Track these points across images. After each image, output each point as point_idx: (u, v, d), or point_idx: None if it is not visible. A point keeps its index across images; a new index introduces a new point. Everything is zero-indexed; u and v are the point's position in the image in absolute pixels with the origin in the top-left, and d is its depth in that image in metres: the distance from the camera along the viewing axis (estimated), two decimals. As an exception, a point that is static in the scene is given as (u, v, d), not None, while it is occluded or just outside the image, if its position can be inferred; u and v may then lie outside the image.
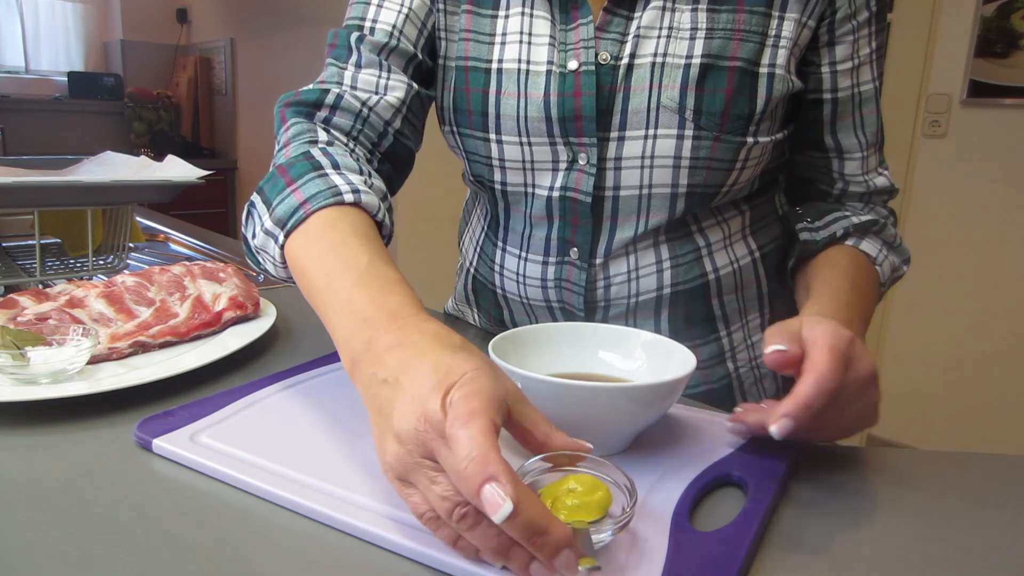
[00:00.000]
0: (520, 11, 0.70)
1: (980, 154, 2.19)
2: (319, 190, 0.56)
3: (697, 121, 0.65)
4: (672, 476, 0.47)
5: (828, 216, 0.74)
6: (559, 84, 0.67)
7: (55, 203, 0.90)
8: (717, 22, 0.65)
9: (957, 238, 2.25)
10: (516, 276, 0.78)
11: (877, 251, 0.72)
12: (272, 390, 0.59)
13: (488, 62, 0.71)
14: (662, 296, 0.74)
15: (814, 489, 0.49)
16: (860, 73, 0.70)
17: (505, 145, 0.71)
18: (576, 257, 0.73)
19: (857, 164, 0.73)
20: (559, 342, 0.58)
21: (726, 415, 0.57)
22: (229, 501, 0.44)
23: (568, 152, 0.69)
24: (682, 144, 0.66)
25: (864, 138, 0.72)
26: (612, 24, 0.67)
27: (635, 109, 0.66)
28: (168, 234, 1.36)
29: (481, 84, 0.71)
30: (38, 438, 0.52)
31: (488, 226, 0.82)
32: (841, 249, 0.71)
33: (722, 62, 0.65)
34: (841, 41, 0.68)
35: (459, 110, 0.73)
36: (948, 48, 2.19)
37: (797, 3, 0.65)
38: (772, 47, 0.65)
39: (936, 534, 0.44)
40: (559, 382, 0.46)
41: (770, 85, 0.66)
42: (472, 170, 0.77)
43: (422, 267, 2.60)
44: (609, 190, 0.70)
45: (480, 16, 0.71)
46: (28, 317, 0.67)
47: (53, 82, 3.86)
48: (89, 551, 0.39)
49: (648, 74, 0.66)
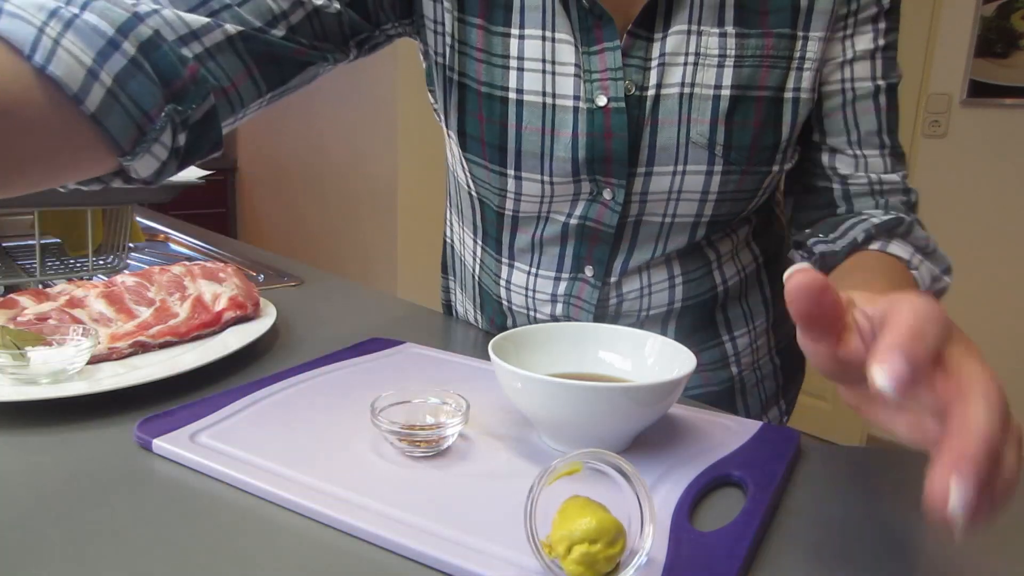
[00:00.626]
0: (540, 34, 0.62)
1: (980, 154, 2.19)
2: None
3: (727, 156, 0.62)
4: (672, 476, 0.47)
5: (844, 224, 0.65)
6: (587, 123, 0.62)
7: (55, 203, 0.90)
8: (746, 48, 0.61)
9: (957, 238, 2.25)
10: (524, 291, 0.75)
11: (910, 254, 0.62)
12: (272, 390, 0.59)
13: (505, 90, 0.64)
14: (672, 310, 0.72)
15: (814, 489, 0.49)
16: (855, 68, 0.65)
17: (524, 181, 0.66)
18: (591, 275, 0.71)
19: (850, 162, 0.67)
20: (559, 342, 0.58)
21: (726, 415, 0.57)
22: (229, 501, 0.44)
23: (592, 187, 0.66)
24: (711, 179, 0.63)
25: (857, 137, 0.66)
26: (634, 48, 0.62)
27: (663, 145, 0.63)
28: (168, 234, 1.36)
29: (498, 115, 0.64)
30: (38, 438, 0.52)
31: (483, 241, 0.77)
32: (866, 254, 0.62)
33: (751, 92, 0.61)
34: (832, 38, 0.64)
35: (471, 137, 0.67)
36: (948, 48, 2.19)
37: (822, 18, 0.61)
38: (797, 70, 0.62)
39: (936, 534, 0.44)
40: (559, 382, 0.46)
41: (795, 111, 0.63)
42: (479, 193, 0.72)
43: (422, 266, 2.60)
44: (632, 218, 0.67)
45: (492, 34, 0.64)
46: (28, 317, 0.67)
47: (53, 82, 3.85)
48: (89, 551, 0.39)
49: (676, 106, 0.62)
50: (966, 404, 0.30)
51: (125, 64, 0.44)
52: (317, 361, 0.66)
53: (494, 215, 0.73)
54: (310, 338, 0.76)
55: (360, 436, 0.51)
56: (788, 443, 0.52)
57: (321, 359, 0.66)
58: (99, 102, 0.43)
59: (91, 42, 0.42)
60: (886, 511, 0.46)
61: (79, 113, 0.43)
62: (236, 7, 0.53)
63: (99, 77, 0.42)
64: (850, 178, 0.67)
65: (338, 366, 0.65)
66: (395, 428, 0.48)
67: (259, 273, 1.02)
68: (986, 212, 2.19)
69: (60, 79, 0.40)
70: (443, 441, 0.49)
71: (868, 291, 0.40)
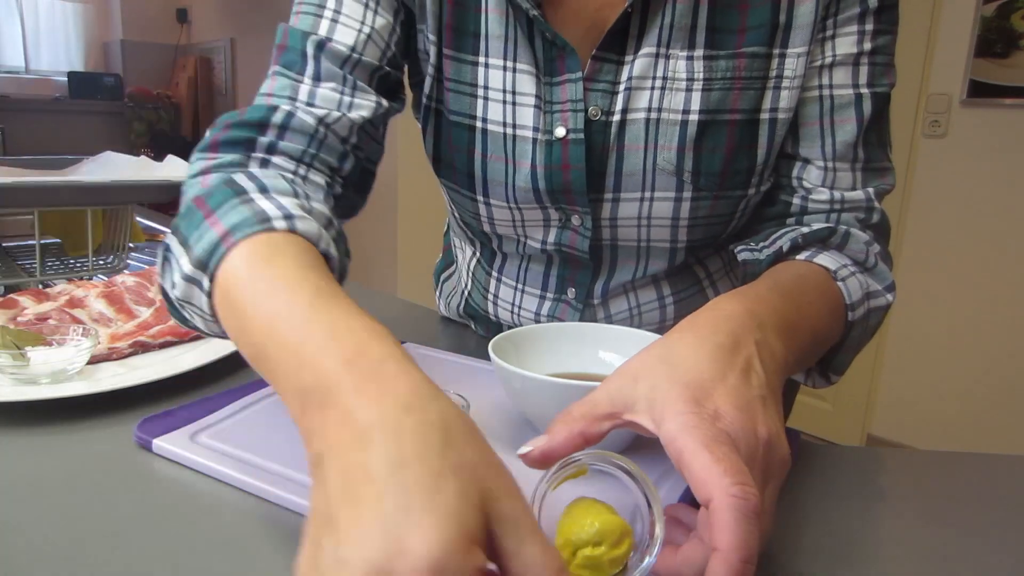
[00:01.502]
0: (502, 64, 0.61)
1: (980, 154, 2.19)
2: (243, 218, 0.44)
3: (696, 183, 0.60)
4: (672, 476, 0.47)
5: (775, 234, 0.61)
6: (545, 155, 0.61)
7: (55, 203, 0.90)
8: (715, 71, 0.58)
9: (957, 238, 2.25)
10: (511, 307, 0.75)
11: (838, 266, 0.57)
12: (272, 390, 0.59)
13: (472, 119, 0.63)
14: (664, 328, 0.70)
15: (814, 489, 0.49)
16: (834, 74, 0.60)
17: (493, 207, 0.66)
18: (572, 297, 0.70)
19: (819, 175, 0.61)
20: (559, 342, 0.58)
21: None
22: (229, 501, 0.44)
23: (560, 214, 0.65)
24: (680, 206, 0.62)
25: (832, 148, 0.60)
26: (602, 72, 0.60)
27: (629, 171, 0.61)
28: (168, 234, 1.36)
29: (465, 143, 0.64)
30: (38, 438, 0.52)
31: (480, 254, 0.77)
32: (787, 264, 0.57)
33: (721, 116, 0.59)
34: (814, 39, 0.59)
35: (444, 163, 0.67)
36: (948, 48, 2.19)
37: (800, 33, 0.58)
38: (774, 89, 0.59)
39: (936, 534, 0.44)
40: (559, 382, 0.46)
41: (772, 132, 0.60)
42: (461, 216, 0.73)
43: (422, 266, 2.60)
44: (607, 241, 0.66)
45: (460, 63, 0.63)
46: (28, 317, 0.67)
47: (53, 82, 3.86)
48: (89, 551, 0.39)
49: (643, 132, 0.60)
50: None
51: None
52: (317, 361, 0.66)
53: (481, 234, 0.73)
54: (310, 338, 0.76)
55: (360, 436, 0.51)
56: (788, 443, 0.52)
57: (321, 359, 0.66)
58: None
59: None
60: (886, 511, 0.46)
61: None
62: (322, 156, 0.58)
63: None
64: (812, 193, 0.62)
65: (338, 366, 0.65)
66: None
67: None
68: (986, 212, 2.19)
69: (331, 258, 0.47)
70: None
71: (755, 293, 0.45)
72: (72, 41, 3.93)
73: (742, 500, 0.31)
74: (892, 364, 2.38)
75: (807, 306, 0.50)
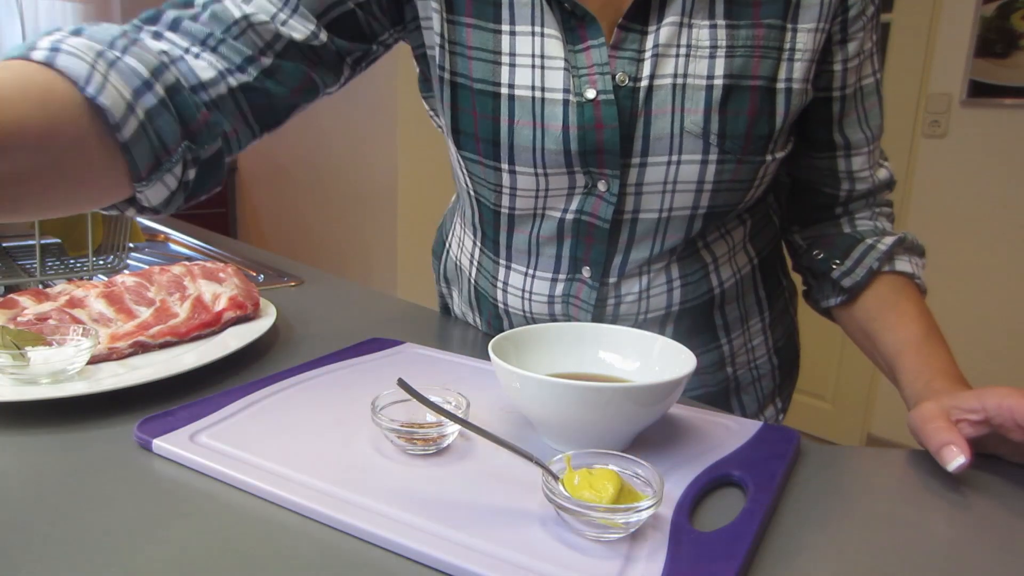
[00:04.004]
0: (529, 30, 0.63)
1: (980, 154, 2.19)
2: (16, 48, 0.43)
3: (721, 145, 0.63)
4: (672, 476, 0.47)
5: (855, 252, 0.72)
6: (578, 115, 0.63)
7: (55, 203, 0.90)
8: (737, 39, 0.62)
9: (957, 238, 2.25)
10: (521, 292, 0.75)
11: (912, 267, 0.71)
12: (272, 390, 0.59)
13: (497, 85, 0.64)
14: (670, 313, 0.73)
15: (814, 489, 0.49)
16: (862, 68, 0.68)
17: (519, 175, 0.67)
18: (588, 276, 0.71)
19: (864, 159, 0.71)
20: (559, 342, 0.58)
21: (726, 415, 0.58)
22: (229, 501, 0.44)
23: (587, 179, 0.66)
24: (706, 168, 0.64)
25: (869, 131, 0.71)
26: (627, 41, 0.62)
27: (657, 135, 0.63)
28: (168, 234, 1.36)
29: (490, 111, 0.65)
30: (38, 438, 0.52)
31: (482, 243, 0.78)
32: (883, 282, 0.71)
33: (744, 82, 0.62)
34: (853, 38, 0.65)
35: (465, 134, 0.67)
36: (948, 48, 2.19)
37: (810, 11, 0.62)
38: (788, 61, 0.63)
39: (936, 534, 0.44)
40: (559, 382, 0.46)
41: (788, 100, 0.64)
42: (476, 191, 0.73)
43: (422, 266, 2.60)
44: (628, 214, 0.67)
45: (483, 31, 0.64)
46: (28, 317, 0.67)
47: (53, 82, 3.85)
48: (89, 551, 0.39)
49: (670, 97, 0.62)
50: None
51: (155, 103, 0.51)
52: (317, 361, 0.66)
53: (491, 215, 0.73)
54: (310, 338, 0.76)
55: (360, 436, 0.51)
56: (788, 443, 0.52)
57: (321, 359, 0.66)
58: (132, 132, 0.50)
59: (130, 81, 0.50)
60: (886, 511, 0.46)
61: (114, 140, 0.50)
62: (231, 42, 0.58)
63: (135, 111, 0.50)
64: (858, 180, 0.73)
65: (338, 366, 0.65)
66: (395, 426, 0.48)
67: (259, 273, 1.02)
68: (986, 212, 2.19)
69: (107, 109, 0.48)
70: (443, 440, 0.49)
71: (923, 353, 0.64)
72: (72, 41, 3.93)
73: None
74: (892, 364, 2.38)
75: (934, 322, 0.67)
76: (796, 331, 0.86)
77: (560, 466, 0.43)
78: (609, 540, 0.39)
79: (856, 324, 0.72)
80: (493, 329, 0.83)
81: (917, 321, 0.67)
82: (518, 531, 0.40)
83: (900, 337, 0.66)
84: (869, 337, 0.70)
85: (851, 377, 2.53)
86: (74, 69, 0.44)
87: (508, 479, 0.46)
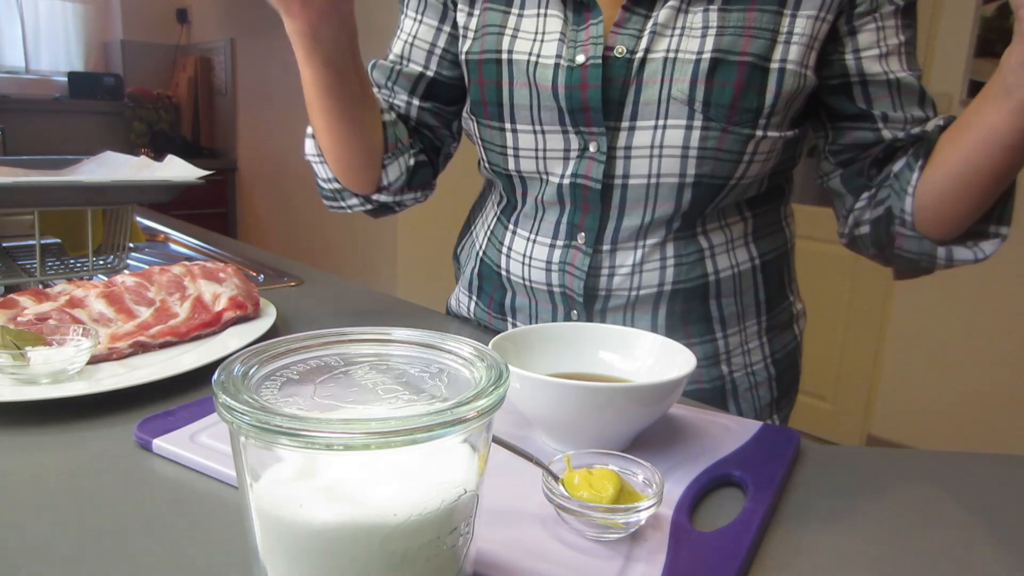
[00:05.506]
0: (535, 12, 0.73)
1: (980, 154, 2.19)
2: None
3: (706, 112, 0.67)
4: (672, 476, 0.47)
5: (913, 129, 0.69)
6: (566, 77, 0.70)
7: (55, 203, 0.90)
8: (728, 20, 0.67)
9: (957, 238, 2.25)
10: (523, 258, 0.80)
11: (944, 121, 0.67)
12: (272, 390, 0.58)
13: (498, 52, 0.74)
14: (663, 292, 0.75)
15: (814, 489, 0.49)
16: (889, 61, 0.69)
17: (520, 134, 0.75)
18: (583, 242, 0.75)
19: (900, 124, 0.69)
20: (559, 342, 0.58)
21: (726, 415, 0.58)
22: (229, 501, 0.44)
23: (580, 140, 0.72)
24: (691, 134, 0.68)
25: (904, 114, 0.69)
26: (630, 21, 0.69)
27: (646, 100, 0.69)
28: (168, 234, 1.36)
29: (494, 76, 0.74)
30: (38, 438, 0.52)
31: (502, 211, 0.85)
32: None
33: (732, 57, 0.67)
34: (862, 30, 0.68)
35: (476, 101, 0.77)
36: (948, 48, 2.19)
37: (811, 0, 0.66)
38: (784, 43, 0.67)
39: (937, 534, 0.44)
40: (559, 382, 0.46)
41: (780, 80, 0.67)
42: (488, 159, 0.80)
43: (422, 266, 2.60)
44: (619, 178, 0.72)
45: (494, 11, 0.75)
46: (28, 317, 0.67)
47: (53, 82, 3.86)
48: (89, 551, 0.39)
49: (660, 68, 0.68)
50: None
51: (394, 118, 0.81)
52: (317, 361, 0.66)
53: (506, 180, 0.81)
54: (310, 338, 0.76)
55: (360, 436, 0.51)
56: (788, 443, 0.52)
57: (321, 359, 0.66)
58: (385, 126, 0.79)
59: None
60: (886, 511, 0.46)
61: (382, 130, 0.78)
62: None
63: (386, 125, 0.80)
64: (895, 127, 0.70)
65: (338, 366, 0.65)
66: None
67: (259, 273, 1.02)
68: (986, 212, 2.19)
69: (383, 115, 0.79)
70: None
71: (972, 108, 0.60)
72: (72, 41, 3.93)
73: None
74: (892, 364, 2.38)
75: None
76: (799, 352, 0.85)
77: (560, 466, 0.43)
78: (609, 540, 0.39)
79: (939, 161, 0.64)
80: (493, 304, 0.86)
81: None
82: (518, 531, 0.40)
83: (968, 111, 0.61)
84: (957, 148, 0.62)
85: (851, 377, 2.53)
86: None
87: (508, 479, 0.46)
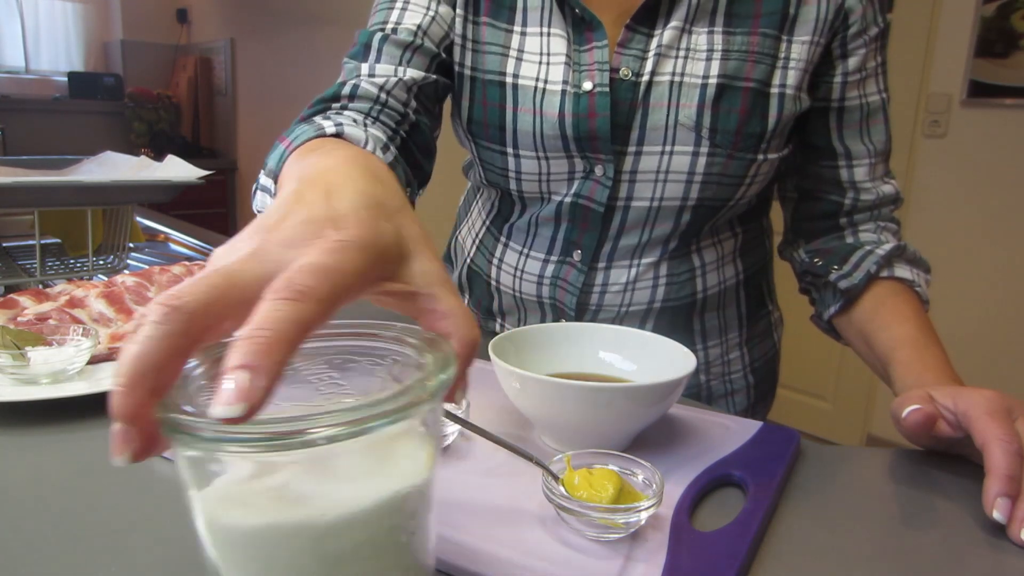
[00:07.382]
0: (538, 31, 0.71)
1: (980, 154, 2.19)
2: (304, 132, 0.52)
3: (713, 139, 0.67)
4: (672, 476, 0.47)
5: (853, 257, 0.72)
6: (573, 104, 0.69)
7: (55, 203, 0.90)
8: (732, 44, 0.67)
9: (957, 238, 2.25)
10: (514, 271, 0.80)
11: (912, 274, 0.71)
12: (272, 390, 0.58)
13: (503, 75, 0.72)
14: (651, 309, 0.76)
15: (814, 489, 0.49)
16: (866, 85, 0.71)
17: (522, 159, 0.73)
18: (578, 259, 0.75)
19: (866, 170, 0.73)
20: (559, 342, 0.58)
21: (726, 415, 0.58)
22: (229, 501, 0.44)
23: (585, 164, 0.71)
24: (697, 160, 0.68)
25: (872, 145, 0.73)
26: (633, 41, 0.68)
27: (653, 126, 0.68)
28: (168, 234, 1.36)
29: (497, 99, 0.72)
30: (38, 438, 0.52)
31: (491, 221, 0.83)
32: (881, 287, 0.70)
33: (736, 83, 0.67)
34: (853, 54, 0.70)
35: (475, 121, 0.74)
36: (948, 48, 2.19)
37: (805, 25, 0.67)
38: (782, 68, 0.67)
39: (936, 534, 0.44)
40: (559, 382, 0.46)
41: (781, 105, 0.68)
42: (487, 177, 0.78)
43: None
44: (622, 200, 0.71)
45: (496, 28, 0.72)
46: (28, 317, 0.67)
47: (53, 82, 3.86)
48: (89, 551, 0.39)
49: (667, 92, 0.67)
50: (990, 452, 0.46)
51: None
52: (317, 361, 0.66)
53: (507, 197, 0.78)
54: (310, 338, 0.76)
55: (360, 436, 0.51)
56: (788, 443, 0.52)
57: (321, 359, 0.66)
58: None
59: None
60: (886, 511, 0.46)
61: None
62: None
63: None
64: (862, 193, 0.74)
65: (338, 366, 0.65)
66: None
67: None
68: (986, 212, 2.19)
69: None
70: (443, 440, 0.49)
71: (914, 350, 0.64)
72: (72, 41, 3.93)
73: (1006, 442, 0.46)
74: (892, 364, 2.38)
75: (932, 328, 0.67)
76: (777, 358, 0.87)
77: (560, 466, 0.43)
78: (609, 540, 0.39)
79: (854, 328, 0.72)
80: (481, 308, 0.86)
81: (912, 320, 0.67)
82: (518, 531, 0.40)
83: (894, 334, 0.66)
84: (865, 338, 0.70)
85: (851, 377, 2.53)
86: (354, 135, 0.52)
87: (508, 479, 0.46)
